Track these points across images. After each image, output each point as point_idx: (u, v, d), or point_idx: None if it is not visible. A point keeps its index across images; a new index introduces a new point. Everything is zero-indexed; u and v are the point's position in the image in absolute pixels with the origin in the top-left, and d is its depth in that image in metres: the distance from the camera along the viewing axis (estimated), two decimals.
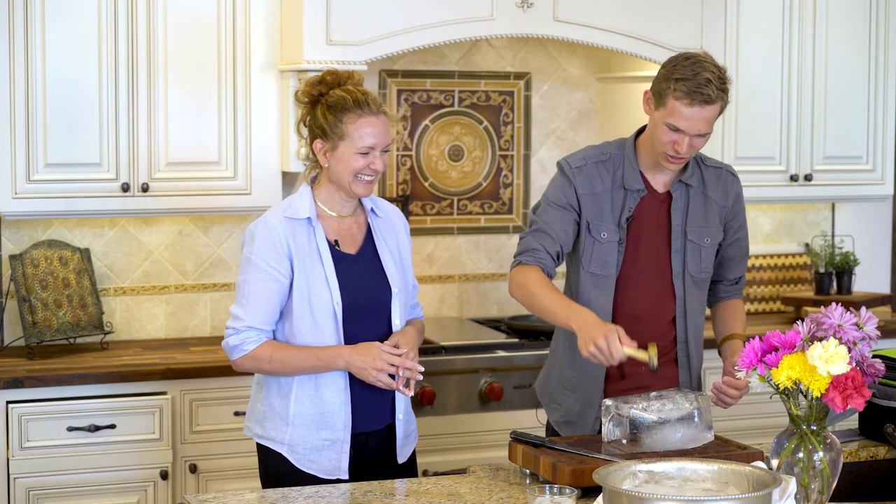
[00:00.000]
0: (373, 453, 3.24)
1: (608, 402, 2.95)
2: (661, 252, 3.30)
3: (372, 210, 3.30)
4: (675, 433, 2.89)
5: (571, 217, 3.27)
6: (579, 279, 3.30)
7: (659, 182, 3.32)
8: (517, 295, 3.25)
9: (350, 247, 3.25)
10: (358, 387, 3.19)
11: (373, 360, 3.10)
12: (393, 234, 3.32)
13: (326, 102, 3.17)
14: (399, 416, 3.25)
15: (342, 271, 3.19)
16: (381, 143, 3.17)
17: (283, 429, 3.18)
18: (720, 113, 3.19)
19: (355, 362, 3.12)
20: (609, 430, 2.93)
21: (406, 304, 3.30)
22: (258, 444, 3.26)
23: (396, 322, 3.24)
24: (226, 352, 3.21)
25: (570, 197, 3.28)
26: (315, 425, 3.17)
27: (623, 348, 2.96)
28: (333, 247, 3.21)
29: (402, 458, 3.28)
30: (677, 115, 3.14)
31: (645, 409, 2.90)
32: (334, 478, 3.16)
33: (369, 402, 3.21)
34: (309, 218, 3.20)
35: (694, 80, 3.12)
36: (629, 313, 3.28)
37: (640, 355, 2.96)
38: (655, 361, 2.96)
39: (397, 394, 3.23)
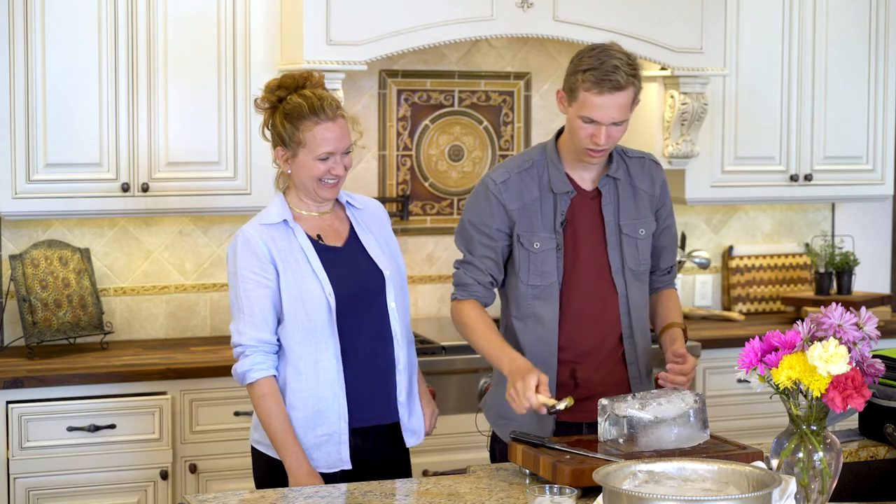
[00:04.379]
0: (371, 447, 3.24)
1: (604, 401, 2.95)
2: (599, 250, 3.27)
3: (348, 203, 3.33)
4: (671, 432, 2.89)
5: (497, 244, 3.25)
6: (519, 293, 3.26)
7: (586, 180, 3.28)
8: (459, 331, 3.31)
9: (335, 240, 3.27)
10: (361, 379, 3.21)
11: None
12: (377, 222, 3.36)
13: (283, 110, 3.19)
14: (400, 399, 3.26)
15: (330, 264, 3.21)
16: (339, 148, 3.18)
17: None
18: (635, 100, 3.15)
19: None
20: (605, 430, 2.93)
21: (401, 290, 3.31)
22: (256, 451, 3.26)
23: (392, 305, 3.25)
24: (237, 380, 3.20)
25: (496, 219, 3.23)
26: (310, 424, 3.18)
27: (538, 396, 2.96)
28: (317, 242, 3.23)
29: (410, 441, 3.29)
30: (589, 106, 3.10)
31: (641, 409, 2.90)
32: (338, 470, 3.17)
33: (369, 398, 3.22)
34: (285, 220, 3.22)
35: (601, 68, 3.09)
36: (576, 317, 3.25)
37: (550, 402, 2.96)
38: (560, 407, 2.95)
39: (398, 378, 3.25)
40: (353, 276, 3.23)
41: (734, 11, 4.97)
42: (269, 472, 3.22)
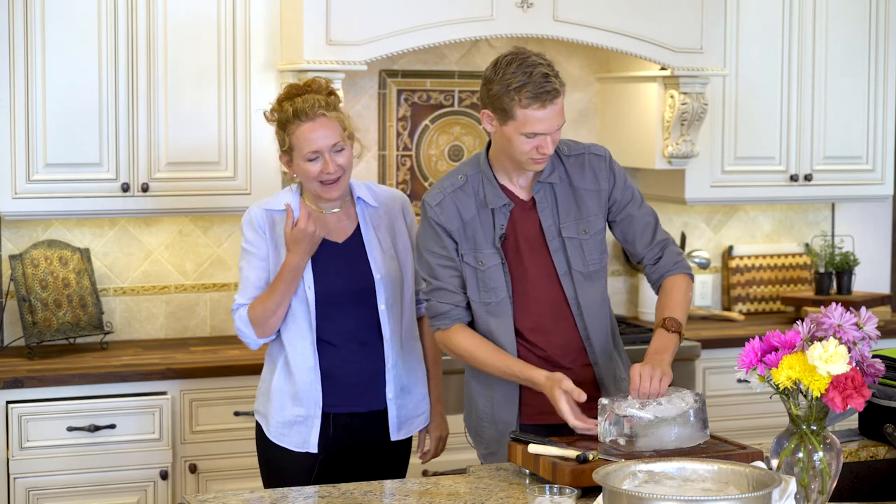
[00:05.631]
0: (359, 433, 3.37)
1: (604, 400, 2.95)
2: (544, 258, 3.21)
3: (361, 199, 3.39)
4: (671, 432, 2.89)
5: (456, 263, 3.22)
6: (473, 311, 3.24)
7: (520, 189, 3.22)
8: (461, 359, 3.26)
9: (337, 237, 3.36)
10: (341, 370, 3.32)
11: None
12: (387, 220, 3.41)
13: (277, 119, 3.31)
14: (389, 395, 3.36)
15: (322, 259, 3.32)
16: (325, 145, 3.24)
17: (265, 402, 3.38)
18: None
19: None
20: (605, 430, 2.93)
21: (397, 291, 3.38)
22: (258, 425, 3.44)
23: (382, 307, 3.34)
24: (243, 340, 3.38)
25: (443, 242, 3.21)
26: (289, 402, 3.34)
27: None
28: None
29: (395, 435, 3.40)
30: (533, 122, 3.05)
31: (641, 408, 2.90)
32: (303, 451, 3.32)
33: (355, 385, 3.34)
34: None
35: (533, 81, 3.03)
36: (534, 328, 3.22)
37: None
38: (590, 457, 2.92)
39: (387, 377, 3.36)
40: (342, 274, 3.33)
41: (734, 11, 4.97)
42: (265, 450, 3.40)
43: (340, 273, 3.33)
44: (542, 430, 3.16)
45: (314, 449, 3.33)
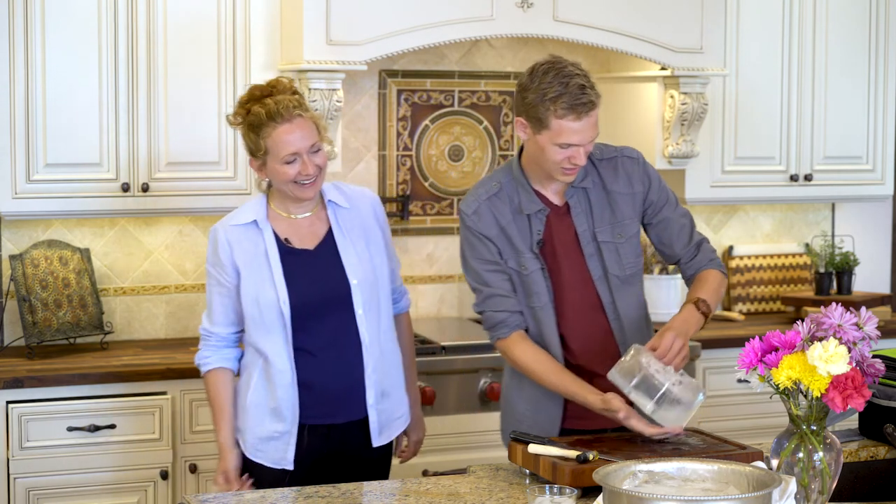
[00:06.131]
0: (337, 443, 3.28)
1: (642, 358, 2.95)
2: (579, 263, 3.21)
3: (332, 202, 3.31)
4: (672, 412, 2.94)
5: (501, 266, 3.20)
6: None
7: (555, 195, 3.22)
8: (521, 370, 3.22)
9: (309, 243, 3.28)
10: (319, 380, 3.24)
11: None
12: (358, 221, 3.33)
13: (247, 121, 3.23)
14: (370, 401, 3.28)
15: (294, 269, 3.23)
16: (303, 147, 3.18)
17: (242, 416, 3.30)
18: None
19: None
20: (638, 391, 2.94)
21: (374, 295, 3.29)
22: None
23: (359, 312, 3.25)
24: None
25: (486, 246, 3.20)
26: (266, 418, 3.26)
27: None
28: (284, 245, 3.25)
29: (377, 441, 3.31)
30: (567, 133, 3.04)
31: (673, 385, 2.94)
32: (280, 467, 3.25)
33: (335, 395, 3.26)
34: (255, 221, 3.26)
35: (570, 93, 3.02)
36: (570, 335, 3.22)
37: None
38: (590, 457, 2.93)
39: (367, 383, 3.27)
40: (316, 282, 3.24)
41: (734, 11, 4.97)
42: (243, 464, 3.34)
43: (315, 281, 3.23)
44: (585, 434, 3.16)
45: (290, 466, 3.25)
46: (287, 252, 3.24)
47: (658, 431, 2.96)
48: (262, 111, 3.18)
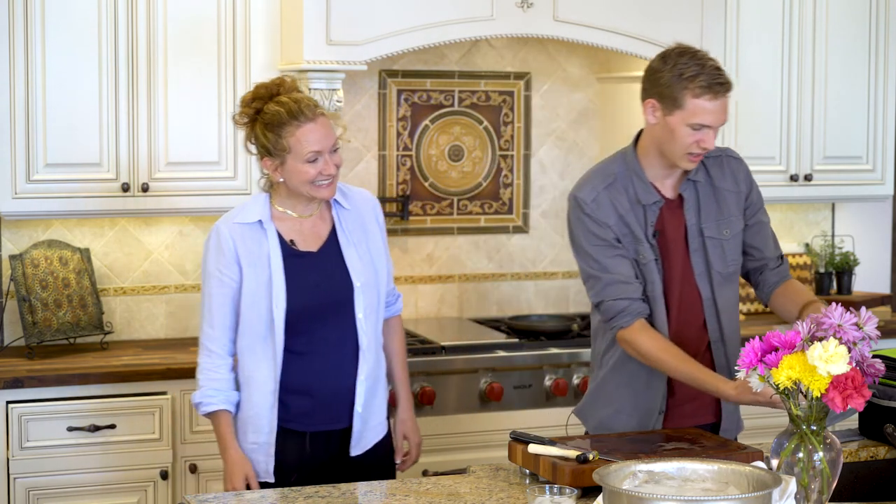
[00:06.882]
0: (318, 451, 3.24)
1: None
2: (683, 257, 3.24)
3: (336, 202, 3.29)
4: None
5: (622, 250, 3.19)
6: None
7: (668, 188, 3.26)
8: (641, 359, 3.20)
9: (312, 244, 3.25)
10: (307, 386, 3.19)
11: None
12: (360, 223, 3.31)
13: (263, 120, 3.17)
14: (358, 409, 3.23)
15: (297, 271, 3.19)
16: (326, 146, 3.16)
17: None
18: None
19: None
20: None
21: (374, 299, 3.26)
22: None
23: (360, 316, 3.22)
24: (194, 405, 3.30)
25: (606, 231, 3.19)
26: (245, 429, 3.23)
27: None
28: (288, 246, 3.22)
29: (355, 450, 3.26)
30: (702, 113, 3.08)
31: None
32: (262, 480, 3.21)
33: (321, 402, 3.21)
34: (260, 221, 3.22)
35: (707, 73, 3.07)
36: (670, 328, 3.23)
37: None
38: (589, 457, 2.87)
39: (358, 389, 3.22)
40: (319, 285, 3.21)
41: (734, 11, 4.97)
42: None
43: (318, 285, 3.20)
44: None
45: (272, 478, 3.20)
46: (291, 254, 3.21)
47: None
48: (281, 110, 3.14)
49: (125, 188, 4.28)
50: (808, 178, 5.14)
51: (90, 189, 4.25)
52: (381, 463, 3.33)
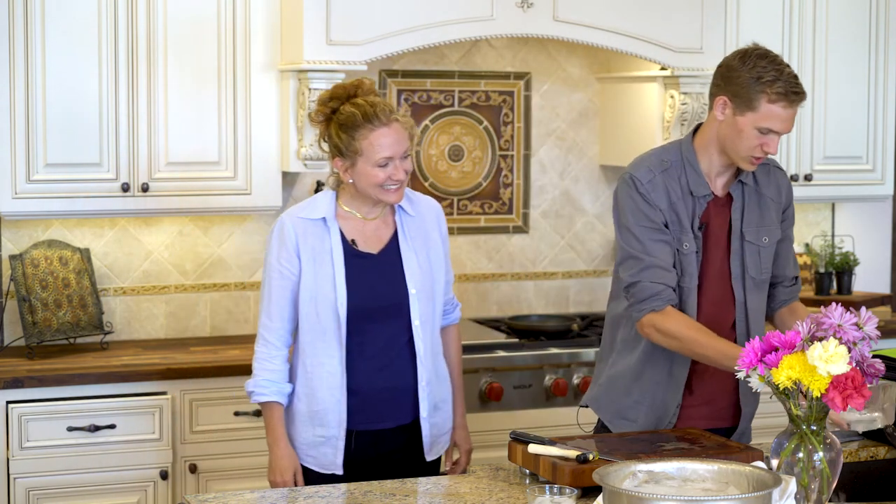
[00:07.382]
0: (387, 448, 3.27)
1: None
2: (723, 257, 3.24)
3: (401, 208, 3.30)
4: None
5: (668, 236, 3.18)
6: None
7: (718, 185, 3.24)
8: (667, 344, 3.16)
9: (373, 246, 3.26)
10: (367, 386, 3.22)
11: None
12: (423, 231, 3.32)
13: (338, 121, 3.18)
14: (423, 413, 3.27)
15: (357, 272, 3.21)
16: (398, 152, 3.17)
17: (289, 423, 3.28)
18: None
19: None
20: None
21: (430, 306, 3.29)
22: None
23: (416, 323, 3.25)
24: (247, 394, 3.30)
25: (656, 214, 3.18)
26: (310, 422, 3.24)
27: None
28: (350, 246, 3.23)
29: (430, 455, 3.32)
30: (774, 119, 3.07)
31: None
32: (330, 472, 3.23)
33: (384, 402, 3.24)
34: (324, 218, 3.23)
35: (785, 80, 3.07)
36: (701, 323, 3.21)
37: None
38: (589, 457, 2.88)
39: (421, 395, 3.26)
40: (376, 287, 3.23)
41: (734, 11, 4.97)
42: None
43: (375, 287, 3.22)
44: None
45: (340, 470, 3.23)
46: (352, 254, 3.23)
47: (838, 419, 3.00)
48: (356, 112, 3.15)
49: (125, 188, 4.28)
50: (808, 177, 5.14)
51: (90, 189, 4.25)
52: (430, 466, 3.37)
